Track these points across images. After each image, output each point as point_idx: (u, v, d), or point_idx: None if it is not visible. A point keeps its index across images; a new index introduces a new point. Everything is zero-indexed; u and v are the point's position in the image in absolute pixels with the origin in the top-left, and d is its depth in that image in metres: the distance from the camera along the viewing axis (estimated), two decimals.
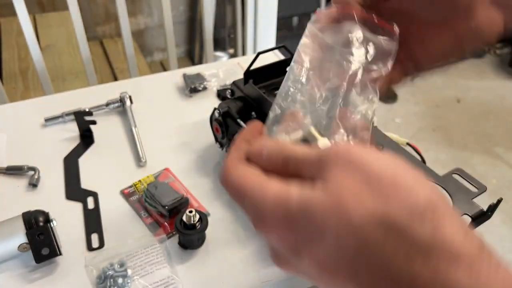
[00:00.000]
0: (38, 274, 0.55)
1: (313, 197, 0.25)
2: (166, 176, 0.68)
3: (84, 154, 0.73)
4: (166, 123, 0.80)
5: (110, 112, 0.82)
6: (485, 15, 0.34)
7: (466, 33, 0.35)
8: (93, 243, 0.59)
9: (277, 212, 0.26)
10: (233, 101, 0.67)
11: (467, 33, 0.35)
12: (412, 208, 0.23)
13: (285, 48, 0.67)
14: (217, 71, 0.93)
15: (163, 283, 0.54)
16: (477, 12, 0.34)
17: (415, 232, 0.22)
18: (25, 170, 0.68)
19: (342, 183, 0.24)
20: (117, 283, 0.52)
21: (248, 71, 0.64)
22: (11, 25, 1.82)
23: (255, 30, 1.34)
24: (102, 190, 0.66)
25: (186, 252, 0.58)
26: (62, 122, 0.79)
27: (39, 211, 0.55)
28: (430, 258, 0.22)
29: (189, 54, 2.55)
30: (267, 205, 0.26)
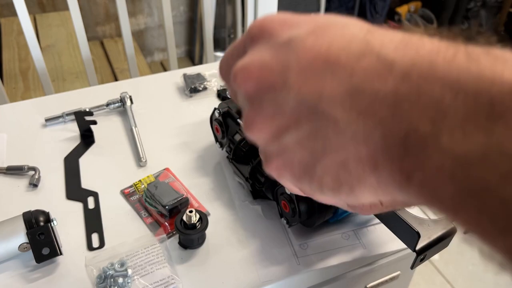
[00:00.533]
0: (39, 274, 0.55)
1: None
2: (166, 176, 0.68)
3: (85, 154, 0.73)
4: (166, 123, 0.80)
5: (111, 112, 0.82)
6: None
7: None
8: (94, 242, 0.59)
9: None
10: (233, 101, 0.67)
11: None
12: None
13: None
14: (217, 71, 0.93)
15: (163, 282, 0.54)
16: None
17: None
18: (26, 170, 0.68)
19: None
20: (118, 283, 0.52)
21: None
22: (12, 25, 1.82)
23: None
24: (103, 190, 0.66)
25: (186, 252, 0.58)
26: (62, 122, 0.79)
27: (40, 211, 0.56)
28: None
29: (189, 54, 2.55)
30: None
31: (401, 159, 0.20)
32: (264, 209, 0.63)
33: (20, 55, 1.70)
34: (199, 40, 2.34)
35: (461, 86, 0.18)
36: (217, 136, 0.69)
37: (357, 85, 0.21)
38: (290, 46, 0.24)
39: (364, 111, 0.21)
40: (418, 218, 0.50)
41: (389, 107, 0.20)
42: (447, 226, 0.49)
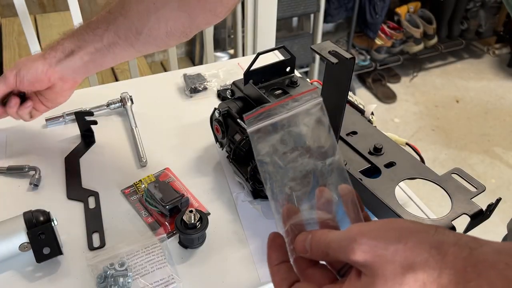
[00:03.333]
0: (39, 273, 0.55)
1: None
2: (167, 175, 0.68)
3: (85, 154, 0.73)
4: (166, 123, 0.80)
5: (111, 112, 0.83)
6: (60, 86, 0.69)
7: (57, 94, 0.71)
8: (94, 242, 0.59)
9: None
10: (233, 101, 0.67)
11: (57, 94, 0.71)
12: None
13: (284, 49, 0.67)
14: (217, 72, 0.93)
15: (163, 282, 0.54)
16: (55, 87, 0.69)
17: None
18: (26, 170, 0.68)
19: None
20: (118, 282, 0.52)
21: (248, 71, 0.65)
22: (12, 26, 1.83)
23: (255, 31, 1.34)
24: (103, 189, 0.66)
25: (186, 252, 0.58)
26: (63, 122, 0.79)
27: (40, 211, 0.56)
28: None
29: (189, 54, 2.55)
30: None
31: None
32: (264, 209, 0.63)
33: (21, 56, 1.70)
34: (199, 40, 2.34)
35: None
36: (217, 136, 0.69)
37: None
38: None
39: None
40: (417, 218, 0.51)
41: None
42: (446, 225, 0.50)
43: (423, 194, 0.73)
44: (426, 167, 0.59)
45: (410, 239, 0.29)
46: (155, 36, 0.59)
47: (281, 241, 0.36)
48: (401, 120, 2.37)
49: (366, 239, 0.30)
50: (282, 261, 0.36)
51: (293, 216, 0.36)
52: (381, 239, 0.30)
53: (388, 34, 2.52)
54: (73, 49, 0.64)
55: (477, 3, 2.69)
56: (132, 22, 0.58)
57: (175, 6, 0.56)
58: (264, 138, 0.38)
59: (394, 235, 0.30)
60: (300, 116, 0.39)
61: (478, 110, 2.46)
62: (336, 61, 0.51)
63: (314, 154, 0.38)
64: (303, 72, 2.43)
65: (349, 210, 0.36)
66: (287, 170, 0.38)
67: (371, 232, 0.31)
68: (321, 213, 0.37)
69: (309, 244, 0.34)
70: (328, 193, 0.37)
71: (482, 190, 0.54)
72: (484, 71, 2.78)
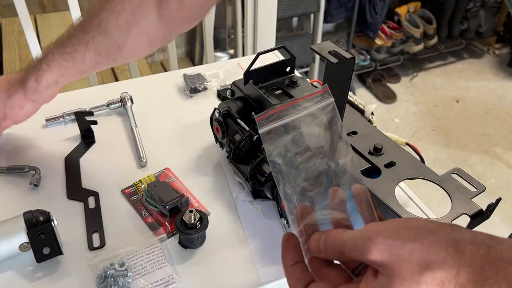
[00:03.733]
0: (39, 273, 0.55)
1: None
2: (167, 175, 0.68)
3: (85, 154, 0.73)
4: (166, 123, 0.80)
5: (111, 112, 0.83)
6: (22, 114, 0.68)
7: (23, 118, 0.69)
8: (94, 242, 0.59)
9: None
10: (233, 101, 0.67)
11: (23, 118, 0.69)
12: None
13: (284, 49, 0.67)
14: (217, 72, 0.93)
15: (163, 282, 0.54)
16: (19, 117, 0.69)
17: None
18: (26, 170, 0.68)
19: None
20: (118, 283, 0.52)
21: (248, 71, 0.65)
22: (12, 26, 1.83)
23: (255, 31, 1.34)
24: (103, 189, 0.66)
25: (186, 252, 0.58)
26: (63, 122, 0.79)
27: (40, 211, 0.56)
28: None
29: (189, 54, 2.55)
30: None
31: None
32: (264, 209, 0.63)
33: (21, 56, 1.70)
34: (199, 40, 2.34)
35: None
36: (217, 136, 0.69)
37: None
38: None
39: None
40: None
41: None
42: None
43: (423, 194, 0.73)
44: (426, 167, 0.59)
45: (427, 237, 0.29)
46: (138, 48, 0.58)
47: (295, 242, 0.37)
48: (401, 120, 2.37)
49: (383, 238, 0.30)
50: (297, 261, 0.36)
51: (307, 216, 0.36)
52: (397, 238, 0.30)
53: (388, 34, 2.52)
54: (56, 80, 0.62)
55: (477, 3, 2.69)
56: (113, 39, 0.57)
57: (155, 16, 0.55)
58: (276, 139, 0.38)
59: (410, 234, 0.30)
60: (312, 116, 0.39)
61: (478, 110, 2.46)
62: (336, 61, 0.51)
63: (327, 154, 0.38)
64: (303, 72, 2.43)
65: (363, 210, 0.36)
66: (300, 171, 0.38)
67: (387, 231, 0.31)
68: (335, 213, 0.37)
69: (324, 243, 0.34)
70: (342, 193, 0.37)
71: (482, 190, 0.54)
72: (484, 71, 2.78)
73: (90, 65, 0.59)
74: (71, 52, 0.59)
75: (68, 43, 0.59)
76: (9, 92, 0.65)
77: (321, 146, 0.39)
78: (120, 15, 0.55)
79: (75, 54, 0.59)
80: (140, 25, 0.55)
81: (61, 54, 0.60)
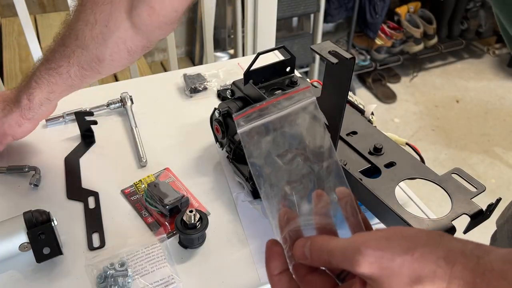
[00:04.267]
0: (39, 273, 0.55)
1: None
2: (167, 175, 0.68)
3: (85, 154, 0.73)
4: (166, 123, 0.80)
5: (111, 112, 0.83)
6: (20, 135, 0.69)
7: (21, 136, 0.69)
8: (94, 242, 0.59)
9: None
10: (233, 101, 0.67)
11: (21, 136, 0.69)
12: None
13: (284, 49, 0.67)
14: (217, 72, 0.93)
15: (163, 282, 0.54)
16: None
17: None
18: (26, 170, 0.68)
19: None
20: (118, 283, 0.52)
21: (248, 71, 0.65)
22: (12, 26, 1.82)
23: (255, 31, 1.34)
24: (103, 189, 0.66)
25: (186, 252, 0.58)
26: (63, 122, 0.79)
27: (40, 211, 0.56)
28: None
29: (189, 54, 2.55)
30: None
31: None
32: (264, 209, 0.63)
33: (21, 56, 1.70)
34: (199, 40, 2.34)
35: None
36: (217, 136, 0.69)
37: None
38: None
39: None
40: (417, 218, 0.51)
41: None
42: (446, 226, 0.50)
43: (423, 194, 0.73)
44: (426, 167, 0.59)
45: (417, 249, 0.29)
46: (118, 59, 0.57)
47: (279, 249, 0.35)
48: (401, 120, 2.37)
49: (372, 250, 0.29)
50: (282, 270, 0.35)
51: (291, 221, 0.35)
52: (387, 250, 0.29)
53: (388, 34, 2.52)
54: (47, 97, 0.62)
55: (477, 3, 2.69)
56: (91, 51, 0.55)
57: (128, 26, 0.53)
58: (256, 139, 0.37)
59: (400, 245, 0.29)
60: (293, 115, 0.37)
61: (478, 110, 2.46)
62: (336, 61, 0.51)
63: (310, 155, 0.37)
64: (303, 72, 2.43)
65: (347, 214, 0.35)
66: (282, 173, 0.37)
67: (377, 242, 0.30)
68: (319, 218, 0.35)
69: (309, 250, 0.33)
70: (326, 197, 0.36)
71: (482, 190, 0.54)
72: (484, 71, 2.78)
73: (77, 79, 0.59)
74: (56, 68, 0.58)
75: (52, 58, 0.59)
76: (4, 111, 0.65)
77: (303, 147, 0.37)
78: (94, 26, 0.54)
79: (60, 70, 0.58)
80: (114, 35, 0.54)
81: (47, 71, 0.59)
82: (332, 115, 0.55)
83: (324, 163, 0.37)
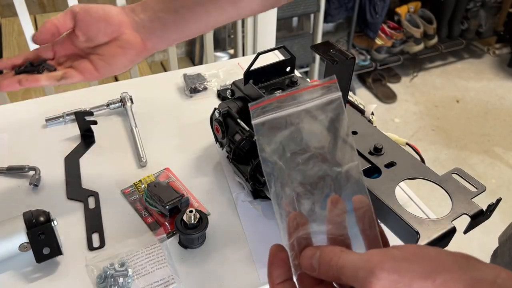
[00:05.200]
0: (39, 273, 0.55)
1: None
2: (167, 175, 0.68)
3: (85, 154, 0.73)
4: (166, 123, 0.80)
5: (111, 112, 0.83)
6: (128, 38, 0.54)
7: (119, 49, 0.54)
8: (94, 242, 0.59)
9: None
10: (233, 101, 0.67)
11: (119, 50, 0.54)
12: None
13: (284, 49, 0.67)
14: (217, 71, 0.93)
15: (163, 282, 0.54)
16: (124, 36, 0.54)
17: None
18: (26, 170, 0.68)
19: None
20: (118, 283, 0.52)
21: (248, 71, 0.64)
22: (12, 26, 1.82)
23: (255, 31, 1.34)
24: (103, 189, 0.66)
25: (186, 252, 0.58)
26: (63, 122, 0.79)
27: (40, 211, 0.56)
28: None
29: (189, 54, 2.55)
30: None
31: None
32: (264, 209, 0.63)
33: None
34: (199, 40, 2.34)
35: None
36: (217, 136, 0.69)
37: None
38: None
39: None
40: (417, 218, 0.51)
41: None
42: (446, 226, 0.50)
43: (423, 194, 0.73)
44: (426, 167, 0.59)
45: (440, 275, 0.26)
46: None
47: (284, 256, 0.32)
48: (401, 120, 2.37)
49: (387, 274, 0.26)
50: (285, 279, 0.32)
51: (301, 227, 0.32)
52: (405, 274, 0.26)
53: (388, 34, 2.51)
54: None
55: (477, 3, 2.69)
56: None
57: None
58: (271, 133, 0.33)
59: (420, 268, 0.26)
60: (314, 111, 0.34)
61: (478, 110, 2.46)
62: (336, 61, 0.51)
63: (328, 157, 0.34)
64: (303, 72, 2.43)
65: (364, 226, 0.32)
66: (296, 173, 0.33)
67: (394, 263, 0.27)
68: (332, 227, 0.32)
69: (317, 262, 0.31)
70: (342, 204, 0.33)
71: (482, 190, 0.54)
72: (484, 71, 2.78)
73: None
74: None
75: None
76: None
77: (322, 146, 0.34)
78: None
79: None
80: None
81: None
82: None
83: (344, 167, 0.33)
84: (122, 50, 0.54)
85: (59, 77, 0.52)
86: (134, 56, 0.55)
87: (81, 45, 0.55)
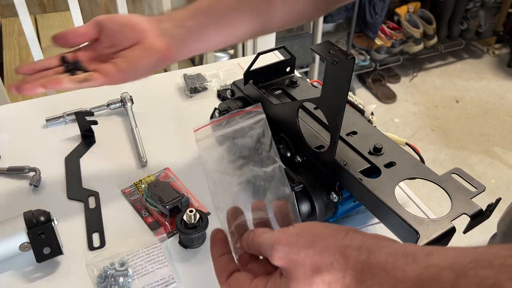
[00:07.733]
0: (39, 273, 0.55)
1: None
2: (167, 175, 0.68)
3: (85, 154, 0.73)
4: (166, 123, 0.81)
5: (111, 112, 0.83)
6: (152, 41, 0.54)
7: (143, 52, 0.54)
8: (94, 242, 0.59)
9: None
10: (233, 101, 0.67)
11: (143, 52, 0.54)
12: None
13: (284, 49, 0.67)
14: (217, 72, 0.93)
15: (163, 282, 0.54)
16: (148, 40, 0.54)
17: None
18: (26, 171, 0.68)
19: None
20: (118, 282, 0.53)
21: (248, 71, 0.65)
22: (13, 26, 1.83)
23: None
24: (103, 189, 0.66)
25: (186, 251, 0.58)
26: (63, 122, 0.79)
27: (40, 211, 0.56)
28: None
29: None
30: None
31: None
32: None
33: (21, 56, 1.70)
34: None
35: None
36: None
37: None
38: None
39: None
40: (417, 218, 0.51)
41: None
42: (446, 225, 0.50)
43: (423, 194, 0.73)
44: (426, 167, 0.59)
45: (319, 244, 0.33)
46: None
47: (221, 236, 0.42)
48: (401, 120, 2.37)
49: (282, 246, 0.34)
50: (223, 253, 0.40)
51: (237, 217, 0.41)
52: (294, 245, 0.34)
53: (388, 34, 2.52)
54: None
55: (477, 3, 2.69)
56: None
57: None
58: (212, 149, 0.44)
59: (306, 240, 0.34)
60: (245, 129, 0.44)
61: (478, 110, 2.46)
62: (336, 61, 0.51)
63: (257, 162, 0.43)
64: (303, 72, 2.43)
65: (281, 218, 0.41)
66: (233, 177, 0.43)
67: (287, 238, 0.35)
68: (258, 214, 0.42)
69: (251, 242, 0.39)
70: (263, 205, 0.42)
71: (482, 190, 0.54)
72: (484, 71, 2.79)
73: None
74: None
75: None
76: None
77: (252, 155, 0.43)
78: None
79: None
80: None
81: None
82: (332, 115, 0.55)
83: (269, 168, 0.43)
84: (145, 53, 0.54)
85: (82, 79, 0.51)
86: (157, 61, 0.55)
87: (104, 51, 0.55)
